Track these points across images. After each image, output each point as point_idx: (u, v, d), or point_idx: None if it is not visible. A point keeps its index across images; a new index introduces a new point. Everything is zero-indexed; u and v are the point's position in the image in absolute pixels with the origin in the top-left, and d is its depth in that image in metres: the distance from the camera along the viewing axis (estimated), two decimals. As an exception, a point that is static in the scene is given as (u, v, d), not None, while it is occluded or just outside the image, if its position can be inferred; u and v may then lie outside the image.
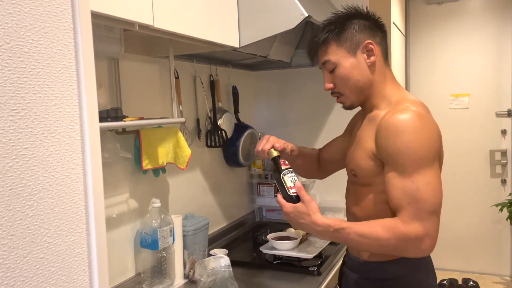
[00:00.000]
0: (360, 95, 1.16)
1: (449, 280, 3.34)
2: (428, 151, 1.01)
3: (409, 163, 1.00)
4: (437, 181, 1.02)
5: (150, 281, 1.48)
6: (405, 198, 1.00)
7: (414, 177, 1.00)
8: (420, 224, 0.99)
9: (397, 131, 1.01)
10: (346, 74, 1.14)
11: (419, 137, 1.00)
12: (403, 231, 0.99)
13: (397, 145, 1.01)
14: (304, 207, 1.09)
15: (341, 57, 1.13)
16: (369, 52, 1.13)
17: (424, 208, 0.99)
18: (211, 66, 1.98)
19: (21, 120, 0.48)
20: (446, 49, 3.57)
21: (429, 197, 0.99)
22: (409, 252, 1.02)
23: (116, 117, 1.20)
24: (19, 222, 0.48)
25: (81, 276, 0.55)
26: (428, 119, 1.04)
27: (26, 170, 0.49)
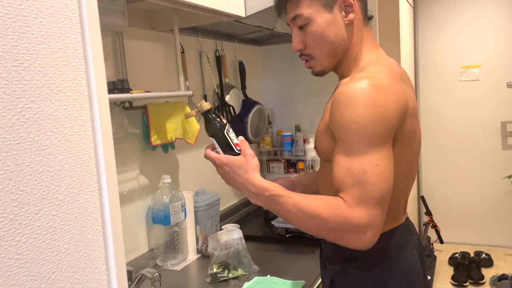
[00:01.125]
0: (333, 59, 1.00)
1: (461, 253, 3.33)
2: (380, 128, 0.85)
3: (356, 140, 0.86)
4: (388, 164, 0.87)
5: (163, 256, 1.48)
6: (350, 179, 0.86)
7: (361, 157, 0.85)
8: (365, 211, 0.84)
9: (346, 103, 0.87)
10: (320, 33, 0.97)
11: (369, 111, 0.84)
12: (345, 215, 0.85)
13: (345, 119, 0.87)
14: (243, 161, 0.94)
15: (315, 12, 0.96)
16: (347, 8, 0.96)
17: (371, 194, 0.84)
18: (216, 41, 1.95)
19: (25, 71, 0.46)
20: (455, 20, 3.48)
21: (377, 181, 0.84)
22: (346, 239, 0.87)
23: (122, 89, 1.18)
24: (28, 177, 0.46)
25: (95, 235, 0.54)
26: (388, 90, 0.87)
27: (33, 124, 0.47)
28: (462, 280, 2.99)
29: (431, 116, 3.61)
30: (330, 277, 1.05)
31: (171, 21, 1.47)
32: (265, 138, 2.31)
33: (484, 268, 3.18)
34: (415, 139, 0.98)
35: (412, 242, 1.04)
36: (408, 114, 0.92)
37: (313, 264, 1.41)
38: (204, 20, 1.45)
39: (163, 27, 1.55)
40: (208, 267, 1.38)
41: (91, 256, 0.54)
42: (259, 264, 1.40)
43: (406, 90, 0.94)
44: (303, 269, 1.38)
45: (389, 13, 2.61)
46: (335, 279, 1.04)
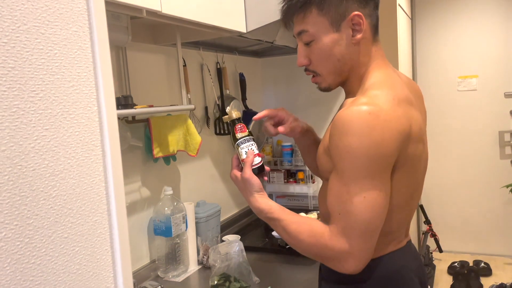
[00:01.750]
0: (338, 76, 0.98)
1: (460, 262, 3.34)
2: (373, 160, 0.83)
3: (348, 170, 0.85)
4: (379, 196, 0.84)
5: (164, 268, 1.50)
6: (338, 207, 0.87)
7: (350, 187, 0.84)
8: (346, 241, 0.85)
9: (342, 130, 0.84)
10: (326, 52, 0.94)
11: (363, 141, 0.82)
12: (327, 243, 0.87)
13: (339, 147, 0.85)
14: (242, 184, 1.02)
15: (322, 29, 0.93)
16: (355, 26, 0.92)
17: (354, 225, 0.84)
18: (217, 53, 1.98)
19: (41, 101, 0.48)
20: (453, 30, 3.53)
21: (362, 214, 0.84)
22: (331, 264, 0.90)
23: (126, 105, 1.20)
24: (43, 202, 0.48)
25: (104, 255, 0.56)
26: (387, 117, 0.83)
27: (48, 151, 0.49)
28: (461, 289, 3.00)
29: (429, 125, 3.63)
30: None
31: (174, 36, 1.50)
32: (265, 148, 2.34)
33: (483, 277, 3.20)
34: (420, 163, 0.95)
35: (413, 267, 1.01)
36: (411, 139, 0.88)
37: (313, 276, 1.43)
38: (206, 35, 1.49)
39: (166, 41, 1.58)
40: (209, 279, 1.39)
41: (100, 276, 0.56)
42: (260, 276, 1.42)
43: (411, 114, 0.90)
44: (303, 280, 1.40)
45: (387, 23, 2.65)
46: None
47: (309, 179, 2.28)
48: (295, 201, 2.34)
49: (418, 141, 0.92)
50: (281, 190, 2.34)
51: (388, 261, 0.97)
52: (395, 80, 0.95)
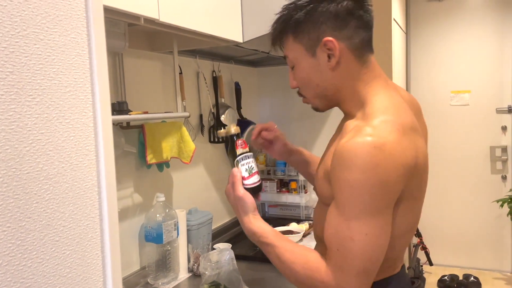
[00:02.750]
0: (323, 100, 0.96)
1: (450, 276, 3.35)
2: (376, 197, 0.79)
3: (349, 205, 0.81)
4: (380, 235, 0.81)
5: (154, 275, 1.49)
6: (336, 242, 0.83)
7: (351, 223, 0.80)
8: (343, 279, 0.82)
9: (344, 163, 0.80)
10: (304, 77, 0.94)
11: (368, 177, 0.78)
12: (323, 279, 0.84)
13: (341, 180, 0.82)
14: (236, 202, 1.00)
15: (299, 55, 0.93)
16: (329, 51, 0.89)
17: (353, 263, 0.81)
18: (213, 62, 2.00)
19: (37, 105, 0.49)
20: (447, 45, 3.58)
21: (362, 252, 0.80)
22: None
23: (121, 111, 1.21)
24: (35, 205, 0.49)
25: (95, 260, 0.57)
26: (393, 151, 0.79)
27: (42, 155, 0.50)
28: (450, 303, 3.01)
29: (422, 139, 3.66)
30: None
31: (170, 44, 1.51)
32: (259, 157, 2.35)
33: (472, 291, 3.21)
34: (423, 191, 0.94)
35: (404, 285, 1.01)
36: (417, 171, 0.85)
37: None
38: (203, 44, 1.50)
39: (163, 49, 1.59)
40: (199, 287, 1.39)
41: (90, 280, 0.56)
42: (250, 285, 1.42)
43: (417, 144, 0.86)
44: (293, 290, 1.40)
45: (382, 39, 2.69)
46: None
47: (302, 189, 2.29)
48: (287, 210, 2.35)
49: (423, 172, 0.89)
50: (274, 200, 2.34)
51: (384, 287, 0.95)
52: (399, 103, 0.90)
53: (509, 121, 3.43)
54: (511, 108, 3.41)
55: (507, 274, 3.50)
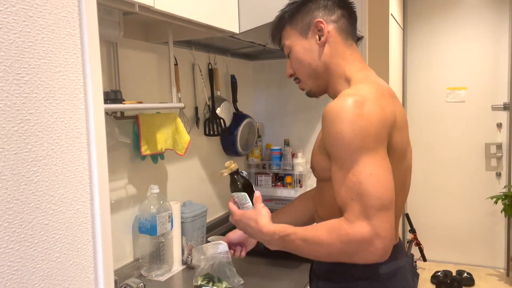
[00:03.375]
0: (316, 80, 1.08)
1: (443, 271, 3.37)
2: (366, 139, 0.87)
3: (346, 155, 0.88)
4: (383, 172, 0.88)
5: (148, 267, 1.48)
6: (348, 194, 0.88)
7: (354, 169, 0.87)
8: (367, 223, 0.85)
9: (331, 120, 0.90)
10: (298, 58, 1.07)
11: (353, 124, 0.87)
12: (348, 232, 0.86)
13: (332, 136, 0.90)
14: (253, 213, 1.04)
15: (294, 40, 1.07)
16: (320, 32, 1.04)
17: (370, 203, 0.85)
18: (209, 54, 1.98)
19: (26, 84, 0.48)
20: (443, 42, 3.58)
21: (374, 190, 0.85)
22: (359, 256, 0.87)
23: (115, 99, 1.19)
24: (24, 187, 0.47)
25: (85, 245, 0.55)
26: (372, 104, 0.90)
27: (31, 136, 0.48)
28: (443, 299, 3.02)
29: (417, 136, 3.67)
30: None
31: (166, 34, 1.49)
32: (254, 151, 2.34)
33: (466, 287, 3.22)
34: (406, 153, 1.01)
35: (407, 265, 1.05)
36: (396, 128, 0.94)
37: (297, 279, 1.42)
38: (199, 34, 1.48)
39: (158, 39, 1.58)
40: (193, 279, 1.38)
41: (81, 265, 0.55)
42: (244, 277, 1.41)
43: (395, 104, 0.97)
44: (288, 283, 1.40)
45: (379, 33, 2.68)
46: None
47: (297, 183, 2.28)
48: (282, 205, 2.34)
49: (403, 130, 0.98)
50: (269, 194, 2.33)
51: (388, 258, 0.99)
52: (377, 77, 1.05)
53: (505, 118, 3.44)
54: (506, 105, 3.42)
55: (500, 270, 3.52)
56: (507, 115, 3.42)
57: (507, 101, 3.41)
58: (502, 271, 3.51)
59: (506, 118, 3.43)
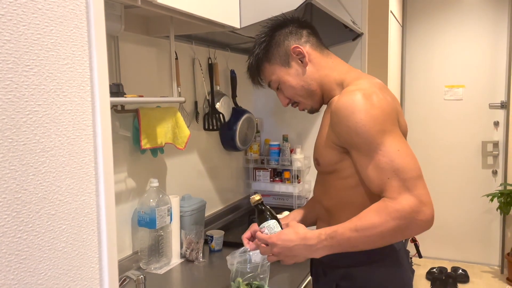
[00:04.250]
0: (313, 97, 1.14)
1: (438, 268, 3.39)
2: (384, 122, 0.95)
3: (370, 140, 0.94)
4: (407, 146, 0.95)
5: (147, 260, 1.49)
6: (384, 174, 0.92)
7: (382, 150, 0.93)
8: (410, 194, 0.90)
9: (347, 113, 0.96)
10: (290, 86, 1.13)
11: (370, 113, 0.95)
12: (397, 208, 0.89)
13: (352, 127, 0.96)
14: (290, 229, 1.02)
15: (279, 73, 1.13)
16: (299, 55, 1.11)
17: (407, 176, 0.91)
18: (209, 49, 1.98)
19: (35, 76, 0.48)
20: (442, 40, 3.59)
21: (407, 163, 0.92)
22: (412, 228, 0.90)
23: (117, 93, 1.20)
24: (32, 177, 0.48)
25: (90, 235, 0.56)
26: (377, 96, 0.98)
27: (39, 127, 0.49)
28: (438, 295, 3.05)
29: (415, 133, 3.69)
30: (334, 282, 1.11)
31: (167, 28, 1.50)
32: (253, 147, 2.34)
33: (461, 284, 3.26)
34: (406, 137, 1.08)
35: (403, 248, 1.12)
36: (399, 114, 1.05)
37: (295, 273, 1.44)
38: (199, 29, 1.49)
39: (159, 33, 1.58)
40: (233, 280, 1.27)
41: (85, 256, 0.56)
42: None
43: (391, 95, 1.06)
44: (286, 277, 1.41)
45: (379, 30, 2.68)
46: (340, 284, 1.10)
47: (295, 178, 2.29)
48: (280, 200, 2.36)
49: (402, 115, 1.08)
50: (267, 189, 2.34)
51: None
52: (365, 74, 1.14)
53: (502, 116, 3.46)
54: (504, 103, 3.44)
55: (495, 267, 3.55)
56: (504, 113, 3.44)
57: (504, 100, 3.43)
58: (497, 268, 3.54)
59: (503, 117, 3.45)
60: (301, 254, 0.99)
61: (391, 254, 1.08)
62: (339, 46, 2.23)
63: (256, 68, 1.17)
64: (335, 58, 1.16)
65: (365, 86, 1.01)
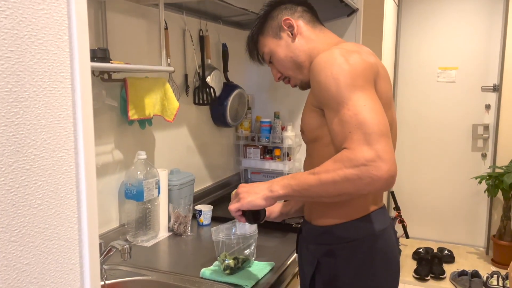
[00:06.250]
0: (302, 70, 1.13)
1: (425, 248, 3.44)
2: (357, 77, 0.93)
3: (338, 93, 0.93)
4: (376, 103, 0.92)
5: (134, 232, 1.47)
6: (346, 128, 0.91)
7: (348, 105, 0.91)
8: (368, 147, 0.86)
9: (319, 68, 0.96)
10: (280, 57, 1.14)
11: (342, 67, 0.94)
12: (350, 157, 0.87)
13: (322, 82, 0.95)
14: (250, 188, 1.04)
15: (270, 45, 1.15)
16: (289, 28, 1.13)
17: (368, 130, 0.88)
18: (201, 20, 1.93)
19: (7, 19, 0.45)
20: (437, 20, 3.55)
21: (371, 118, 0.89)
22: (365, 181, 0.86)
23: (103, 58, 1.16)
24: (4, 128, 0.45)
25: (69, 194, 0.54)
26: (355, 55, 0.97)
27: (12, 75, 0.46)
28: (424, 274, 3.10)
29: (406, 113, 3.69)
30: (316, 258, 1.09)
31: (156, -6, 1.45)
32: (244, 123, 2.32)
33: (446, 264, 3.31)
34: (391, 105, 1.07)
35: (390, 226, 1.12)
36: (380, 77, 1.01)
37: (283, 247, 1.43)
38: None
39: (148, 0, 1.53)
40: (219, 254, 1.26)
41: (64, 215, 0.53)
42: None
43: (376, 58, 1.05)
44: (273, 251, 1.41)
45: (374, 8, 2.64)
46: (321, 261, 1.08)
47: (286, 156, 2.28)
48: (270, 177, 2.34)
49: (387, 81, 1.05)
50: (257, 166, 2.33)
51: (373, 220, 1.06)
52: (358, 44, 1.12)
53: (493, 99, 3.46)
54: (496, 86, 3.43)
55: (480, 249, 3.61)
56: (496, 96, 3.44)
57: (496, 83, 3.43)
58: (482, 249, 3.60)
59: (495, 100, 3.45)
60: (259, 192, 1.00)
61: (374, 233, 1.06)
62: (334, 21, 2.19)
63: (252, 41, 1.19)
64: (327, 32, 1.16)
65: (347, 46, 1.02)
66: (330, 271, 1.07)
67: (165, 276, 1.23)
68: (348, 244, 1.05)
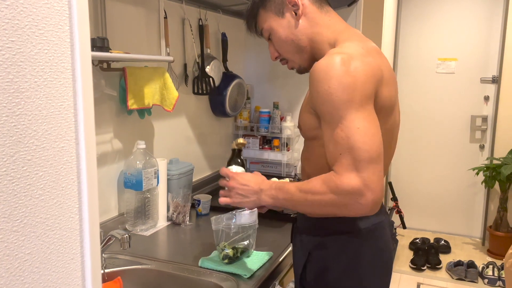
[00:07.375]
0: (302, 54, 1.08)
1: (421, 239, 3.46)
2: (354, 94, 0.88)
3: (333, 111, 0.89)
4: (370, 126, 0.89)
5: (133, 222, 1.48)
6: (337, 148, 0.89)
7: (342, 125, 0.88)
8: (356, 175, 0.86)
9: (318, 78, 0.92)
10: (280, 37, 1.07)
11: (341, 81, 0.89)
12: (337, 183, 0.87)
13: (320, 93, 0.91)
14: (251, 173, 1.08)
15: (271, 22, 1.08)
16: (294, 6, 1.05)
17: (358, 157, 0.86)
18: (200, 9, 1.92)
19: (7, 9, 0.45)
20: (437, 11, 3.54)
21: (363, 143, 0.87)
22: (349, 208, 0.88)
23: (102, 47, 1.15)
24: (5, 118, 0.45)
25: (70, 184, 0.54)
26: (358, 61, 0.92)
27: (13, 65, 0.46)
28: (420, 264, 3.12)
29: (405, 104, 3.69)
30: (307, 250, 1.09)
31: (155, -17, 1.43)
32: (243, 113, 2.32)
33: (442, 254, 3.34)
34: (394, 109, 1.03)
35: (385, 221, 1.10)
36: (384, 82, 0.96)
37: (281, 237, 1.44)
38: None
39: (147, -11, 1.51)
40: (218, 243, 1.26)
41: (65, 205, 0.54)
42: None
43: (381, 61, 0.99)
44: (271, 241, 1.42)
45: None
46: (312, 253, 1.08)
47: (284, 146, 2.28)
48: (268, 168, 2.35)
49: (390, 85, 0.99)
50: (256, 156, 2.33)
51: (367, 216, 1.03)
52: (362, 36, 1.06)
53: (492, 91, 3.46)
54: (495, 78, 3.43)
55: (476, 239, 3.64)
56: (495, 88, 3.44)
57: (496, 74, 3.42)
58: (478, 240, 3.63)
59: (494, 91, 3.45)
60: (250, 196, 1.04)
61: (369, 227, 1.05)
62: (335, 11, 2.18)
63: (251, 12, 1.11)
64: (334, 15, 1.09)
65: (350, 50, 0.95)
66: (321, 263, 1.07)
67: (164, 265, 1.24)
68: (340, 236, 1.04)
